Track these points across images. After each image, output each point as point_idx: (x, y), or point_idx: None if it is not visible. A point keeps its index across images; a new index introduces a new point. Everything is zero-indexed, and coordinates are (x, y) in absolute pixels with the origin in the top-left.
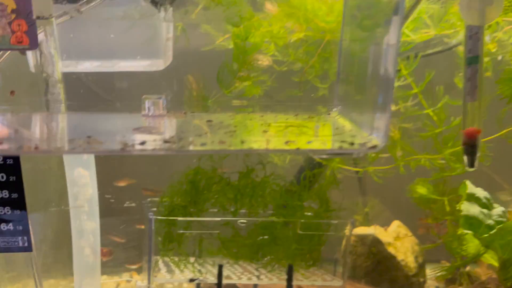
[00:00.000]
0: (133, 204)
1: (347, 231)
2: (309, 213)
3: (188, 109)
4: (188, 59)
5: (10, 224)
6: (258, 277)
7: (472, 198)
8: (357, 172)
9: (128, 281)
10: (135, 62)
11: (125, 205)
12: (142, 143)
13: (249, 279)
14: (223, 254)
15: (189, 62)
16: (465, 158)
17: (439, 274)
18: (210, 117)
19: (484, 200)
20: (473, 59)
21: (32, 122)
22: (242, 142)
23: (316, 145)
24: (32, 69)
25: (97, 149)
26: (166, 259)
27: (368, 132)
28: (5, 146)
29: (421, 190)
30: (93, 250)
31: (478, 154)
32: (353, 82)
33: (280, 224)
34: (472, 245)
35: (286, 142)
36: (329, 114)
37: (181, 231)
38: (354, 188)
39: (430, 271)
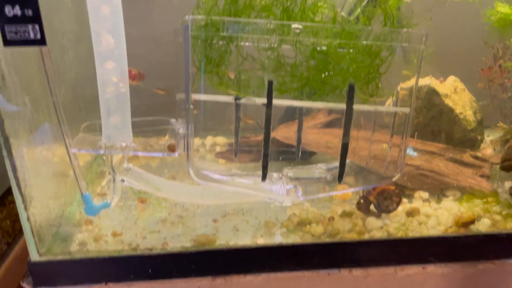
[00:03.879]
0: None
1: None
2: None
3: None
4: None
5: (17, 6)
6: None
7: None
8: None
9: None
10: None
11: None
12: None
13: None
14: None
15: None
16: None
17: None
18: None
19: None
20: None
21: None
22: None
23: None
24: None
25: None
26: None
27: None
28: None
29: (503, 9)
30: (120, 72)
31: None
32: None
33: (336, 48)
34: None
35: None
36: None
37: (223, 42)
38: None
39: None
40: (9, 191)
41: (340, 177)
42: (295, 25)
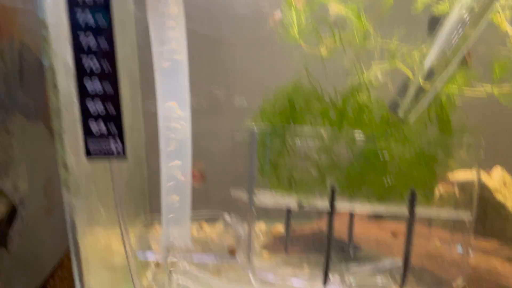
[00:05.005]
0: None
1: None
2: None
3: None
4: None
5: (101, 122)
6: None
7: None
8: None
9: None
10: None
11: None
12: None
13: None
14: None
15: None
16: None
17: None
18: None
19: None
20: None
21: None
22: None
23: None
24: None
25: None
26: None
27: None
28: None
29: None
30: (183, 172)
31: None
32: None
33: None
34: None
35: None
36: None
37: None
38: None
39: None
40: (47, 281)
41: (402, 284)
42: (358, 135)
